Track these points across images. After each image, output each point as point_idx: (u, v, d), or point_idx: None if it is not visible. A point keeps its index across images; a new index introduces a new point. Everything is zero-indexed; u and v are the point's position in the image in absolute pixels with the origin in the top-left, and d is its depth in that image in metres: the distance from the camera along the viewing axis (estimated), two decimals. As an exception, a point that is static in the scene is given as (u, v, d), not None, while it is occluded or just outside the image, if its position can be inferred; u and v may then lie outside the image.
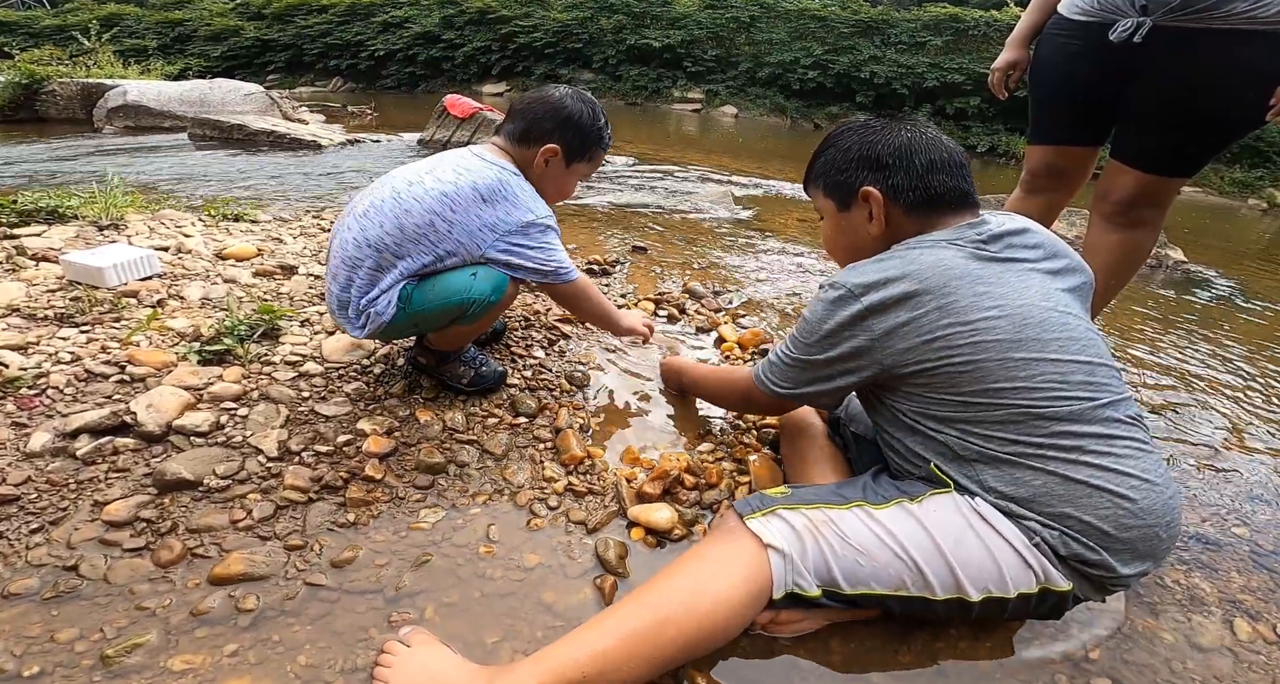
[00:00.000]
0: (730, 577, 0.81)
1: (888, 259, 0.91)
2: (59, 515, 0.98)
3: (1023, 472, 0.84)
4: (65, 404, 1.18)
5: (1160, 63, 1.40)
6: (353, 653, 0.84)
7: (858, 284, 0.89)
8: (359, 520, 1.05)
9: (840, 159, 1.00)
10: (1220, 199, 8.60)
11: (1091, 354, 0.87)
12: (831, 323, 0.91)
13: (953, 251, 0.89)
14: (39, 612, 0.85)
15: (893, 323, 0.87)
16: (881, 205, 0.96)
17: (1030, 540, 0.83)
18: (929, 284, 0.86)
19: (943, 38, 11.26)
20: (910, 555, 0.82)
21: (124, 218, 2.18)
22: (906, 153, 0.95)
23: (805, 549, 0.84)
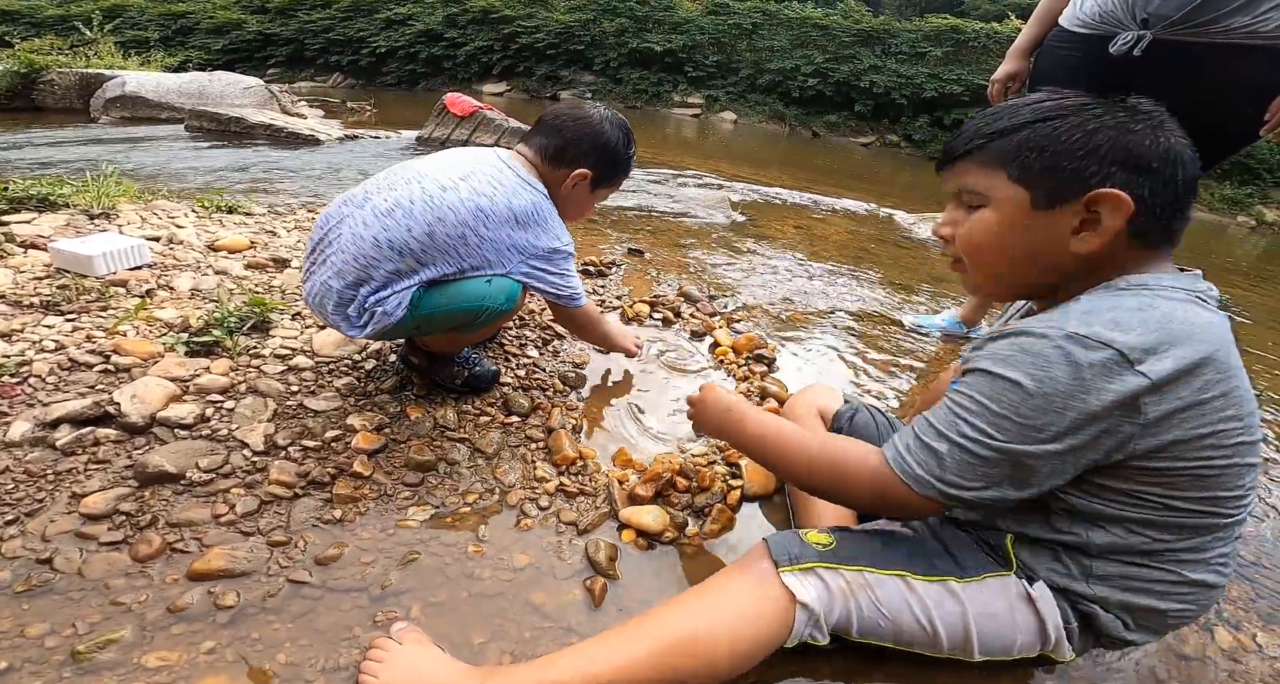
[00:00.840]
0: (751, 625, 0.77)
1: (1145, 308, 0.66)
2: (35, 507, 0.96)
3: (1150, 570, 0.75)
4: (47, 393, 1.16)
5: (1159, 76, 1.40)
6: (335, 651, 0.82)
7: (1134, 346, 0.63)
8: (345, 517, 1.03)
9: (1075, 139, 0.70)
10: (1210, 215, 8.69)
11: None
12: (1092, 402, 0.64)
13: (1208, 312, 0.69)
14: (9, 606, 0.82)
15: (1171, 407, 0.64)
16: (1124, 218, 0.69)
17: (1067, 623, 0.79)
18: (1215, 357, 0.65)
19: (943, 49, 11.36)
20: (935, 628, 0.79)
21: (116, 207, 2.15)
22: (1174, 162, 0.69)
23: (834, 609, 0.79)
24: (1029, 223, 0.74)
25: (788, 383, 1.66)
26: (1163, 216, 0.71)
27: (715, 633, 0.76)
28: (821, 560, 0.80)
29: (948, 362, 1.99)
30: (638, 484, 1.17)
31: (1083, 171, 0.70)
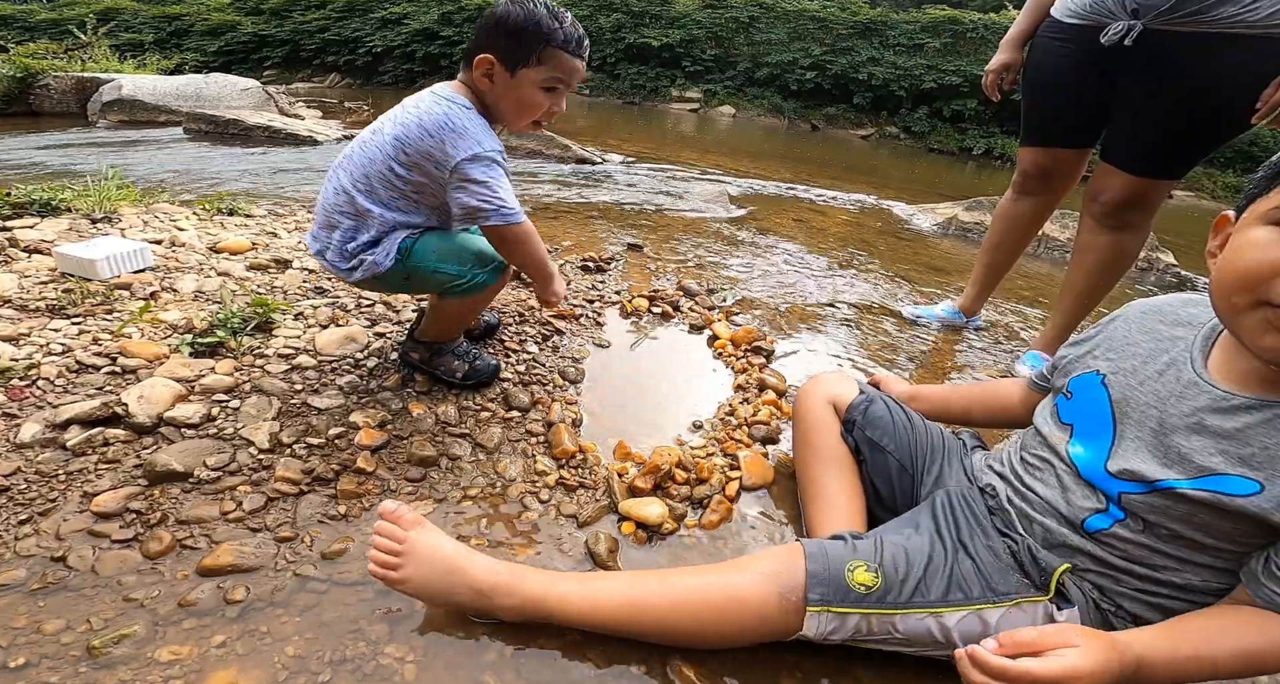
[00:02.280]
0: (755, 625, 0.84)
1: None
2: (48, 506, 0.98)
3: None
4: (56, 395, 1.18)
5: (1150, 66, 1.41)
6: (341, 644, 0.84)
7: None
8: (350, 512, 1.05)
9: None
10: (1212, 203, 8.66)
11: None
12: None
13: None
14: (26, 603, 0.84)
15: None
16: None
17: None
18: None
19: (941, 40, 11.31)
20: (952, 640, 0.81)
21: (117, 211, 2.17)
22: None
23: (848, 628, 0.83)
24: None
25: (787, 375, 1.68)
26: None
27: (721, 618, 0.83)
28: (858, 607, 0.81)
29: (946, 352, 2.00)
30: (637, 477, 1.19)
31: None
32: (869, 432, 1.12)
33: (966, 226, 3.82)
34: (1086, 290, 1.72)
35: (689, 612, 0.84)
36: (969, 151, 10.71)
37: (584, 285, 2.09)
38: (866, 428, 1.12)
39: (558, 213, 3.15)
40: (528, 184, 3.78)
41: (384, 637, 0.85)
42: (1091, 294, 1.73)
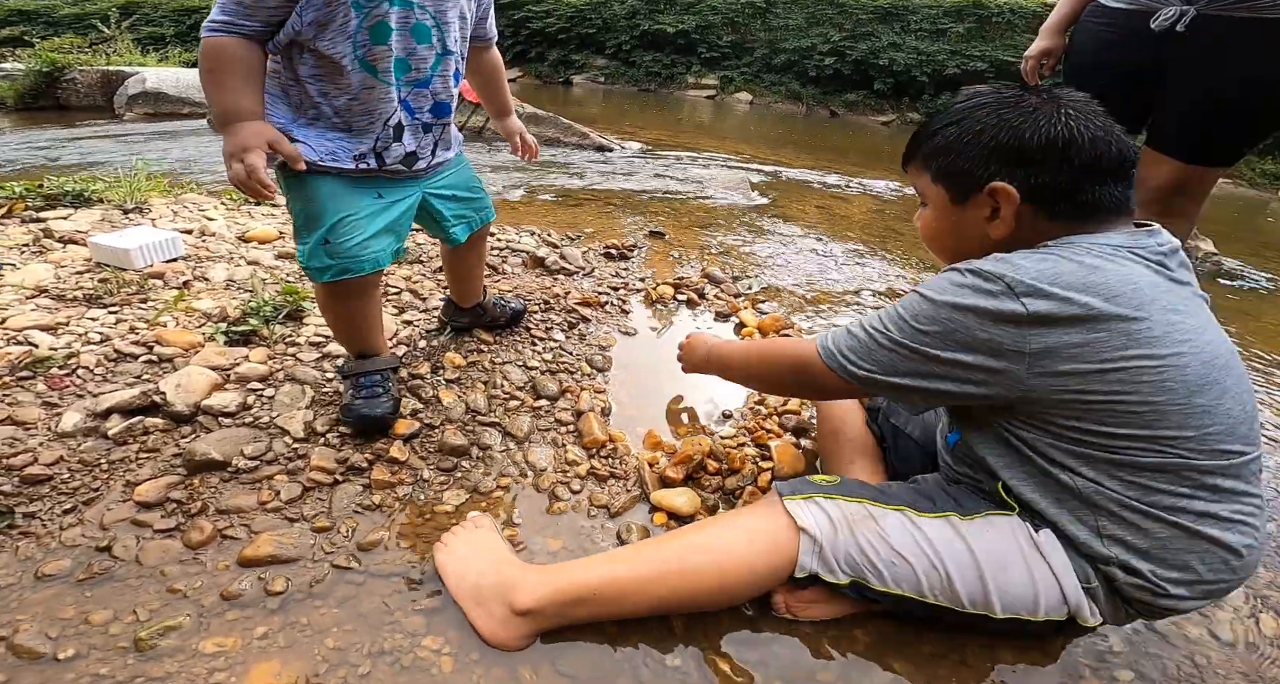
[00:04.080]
0: (757, 546, 0.84)
1: (1057, 260, 0.73)
2: (91, 496, 0.99)
3: (1151, 523, 0.75)
4: (95, 384, 1.19)
5: (1203, 52, 1.36)
6: (379, 636, 0.84)
7: (1023, 283, 0.71)
8: (384, 503, 1.06)
9: (966, 141, 0.80)
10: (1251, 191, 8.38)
11: (1249, 402, 0.76)
12: (971, 318, 0.73)
13: (1139, 266, 0.74)
14: (73, 593, 0.85)
15: (1059, 342, 0.70)
16: (1015, 207, 0.78)
17: (1086, 584, 0.78)
18: (1119, 305, 0.70)
19: (965, 25, 11.02)
20: (946, 569, 0.80)
21: (147, 201, 2.20)
22: (1064, 147, 0.75)
23: (838, 540, 0.83)
24: (954, 218, 0.85)
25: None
26: (1065, 196, 0.77)
27: (724, 550, 0.84)
28: (822, 492, 0.87)
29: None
30: (668, 467, 1.18)
31: (975, 170, 0.80)
32: (894, 418, 1.14)
33: (994, 213, 3.72)
34: None
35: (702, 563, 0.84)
36: (994, 137, 10.47)
37: (608, 273, 2.08)
38: (891, 415, 1.15)
39: (579, 200, 3.13)
40: (547, 172, 3.77)
41: (421, 629, 0.86)
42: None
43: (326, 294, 1.13)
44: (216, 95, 0.95)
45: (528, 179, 3.53)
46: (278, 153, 0.95)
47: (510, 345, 1.54)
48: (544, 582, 0.84)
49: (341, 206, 1.05)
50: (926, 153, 0.86)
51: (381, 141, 1.06)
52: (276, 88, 1.02)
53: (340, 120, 1.03)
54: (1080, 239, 0.77)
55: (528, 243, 2.22)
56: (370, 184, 1.09)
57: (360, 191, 1.07)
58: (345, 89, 1.01)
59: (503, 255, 2.10)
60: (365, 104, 1.02)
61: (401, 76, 1.03)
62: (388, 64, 1.00)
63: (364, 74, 0.99)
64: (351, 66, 0.98)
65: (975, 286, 0.74)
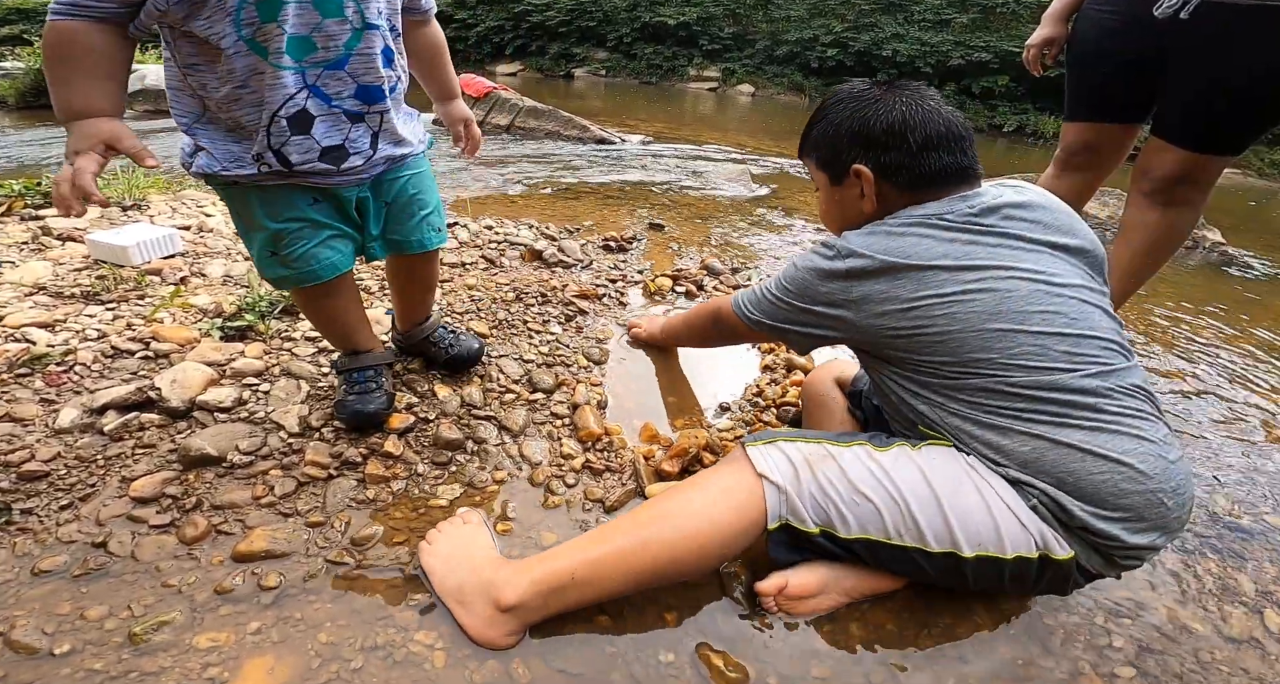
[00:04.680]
0: (725, 503, 0.86)
1: (875, 232, 0.92)
2: (88, 491, 1.00)
3: (1008, 437, 0.84)
4: (92, 380, 1.19)
5: (1208, 40, 1.34)
6: (372, 631, 0.84)
7: (845, 248, 0.92)
8: (378, 497, 1.06)
9: (832, 133, 0.97)
10: (1259, 181, 8.29)
11: (1081, 327, 0.86)
12: (814, 277, 0.94)
13: (939, 229, 0.89)
14: (69, 589, 0.85)
15: (869, 289, 0.89)
16: (873, 184, 0.94)
17: (1027, 502, 0.82)
18: (909, 259, 0.87)
19: (969, 15, 10.91)
20: (905, 499, 0.83)
21: (146, 198, 2.20)
22: (900, 129, 0.91)
23: (801, 483, 0.86)
24: (836, 197, 1.01)
25: (815, 355, 1.64)
26: (908, 171, 0.92)
27: (693, 510, 0.86)
28: (783, 436, 0.93)
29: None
30: (664, 460, 1.17)
31: (841, 155, 0.97)
32: (875, 399, 1.16)
33: (998, 204, 3.69)
34: (1133, 270, 1.65)
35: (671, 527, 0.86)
36: (999, 129, 10.36)
37: (606, 265, 2.07)
38: (873, 396, 1.17)
39: (578, 193, 3.12)
40: (547, 165, 3.75)
41: (413, 624, 0.86)
42: (1138, 274, 1.66)
43: (299, 296, 1.10)
44: (54, 90, 0.80)
45: (527, 172, 3.52)
46: (119, 152, 0.82)
47: (506, 338, 1.54)
48: (524, 576, 0.84)
49: (275, 218, 0.95)
50: (809, 145, 1.03)
51: (275, 136, 0.89)
52: (175, 79, 0.89)
53: (227, 117, 0.88)
54: (903, 213, 0.92)
55: (526, 236, 2.22)
56: (299, 188, 0.96)
57: (291, 198, 0.95)
58: (227, 77, 0.85)
59: (500, 248, 2.10)
60: (256, 93, 0.87)
61: (303, 58, 0.87)
62: (279, 43, 0.84)
63: (252, 57, 0.84)
64: (235, 50, 0.83)
65: (820, 254, 0.95)
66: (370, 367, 1.17)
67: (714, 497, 0.87)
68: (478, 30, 12.81)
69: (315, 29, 0.86)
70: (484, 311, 1.64)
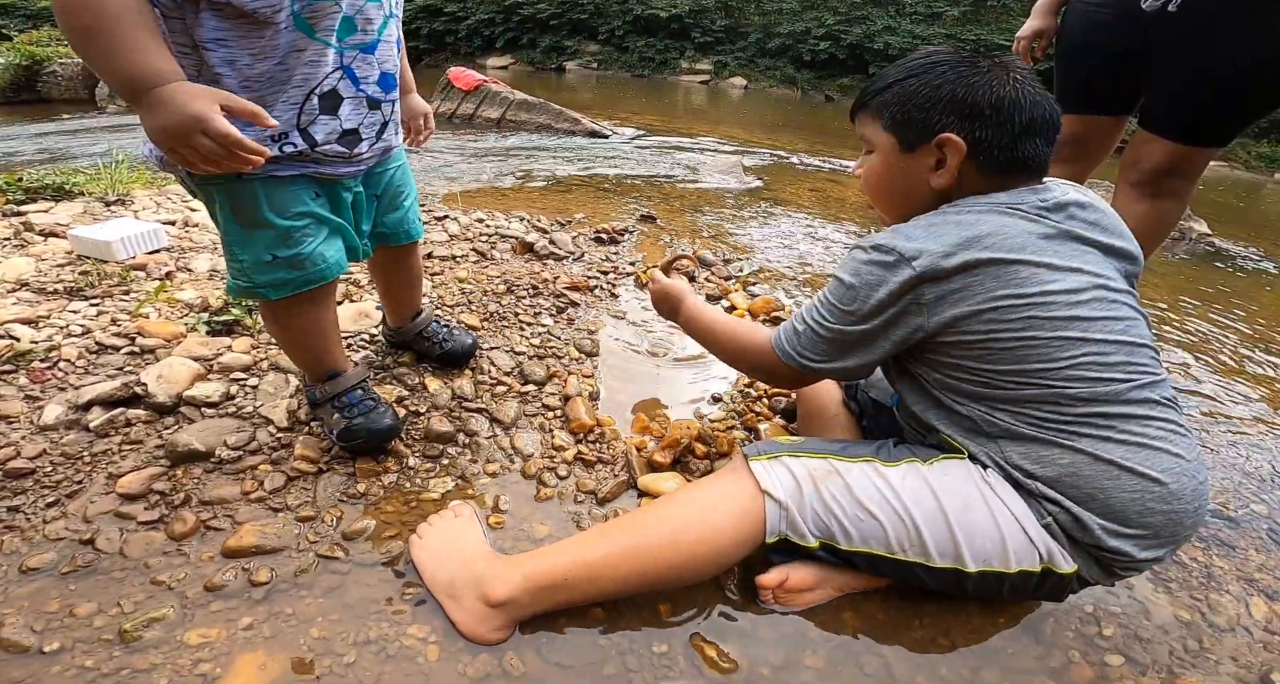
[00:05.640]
0: (723, 514, 0.85)
1: (940, 224, 0.83)
2: (74, 488, 0.98)
3: (1050, 450, 0.81)
4: (77, 376, 1.18)
5: (1194, 31, 1.34)
6: (365, 625, 0.83)
7: (911, 249, 0.80)
8: (369, 491, 1.05)
9: (924, 94, 0.85)
10: (1246, 174, 8.36)
11: (1134, 335, 0.82)
12: (882, 291, 0.81)
13: (1015, 218, 0.82)
14: (58, 586, 0.85)
15: (945, 290, 0.80)
16: (961, 158, 0.85)
17: (1041, 520, 0.80)
18: (989, 252, 0.78)
19: (960, 8, 10.92)
20: (911, 516, 0.81)
21: (130, 193, 2.17)
22: (1009, 107, 0.83)
23: (804, 498, 0.84)
24: (900, 164, 0.90)
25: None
26: (1000, 153, 0.84)
27: (691, 520, 0.85)
28: (788, 451, 0.89)
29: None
30: (656, 451, 1.17)
31: (929, 119, 0.86)
32: (872, 393, 1.16)
33: (989, 196, 3.71)
34: None
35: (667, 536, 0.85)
36: (989, 119, 10.42)
37: (598, 257, 2.07)
38: (869, 389, 1.17)
39: (569, 186, 3.10)
40: (538, 158, 3.73)
41: (406, 617, 0.85)
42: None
43: (279, 312, 0.98)
44: (115, 58, 0.69)
45: (518, 165, 3.50)
46: (234, 116, 0.73)
47: (498, 330, 1.53)
48: (515, 571, 0.83)
49: (283, 214, 0.90)
50: (882, 102, 0.91)
51: (306, 114, 0.86)
52: None
53: (251, 95, 0.81)
54: (964, 202, 0.86)
55: (517, 228, 2.20)
56: (304, 180, 0.92)
57: (296, 191, 0.91)
58: (265, 54, 0.80)
59: (491, 241, 2.08)
60: (287, 70, 0.83)
61: (346, 38, 0.86)
62: (331, 22, 0.82)
63: (295, 34, 0.80)
64: (285, 24, 0.79)
65: (877, 261, 0.82)
66: (358, 385, 1.10)
67: (714, 509, 0.85)
68: (468, 23, 12.70)
69: (359, 11, 0.86)
70: (475, 304, 1.63)
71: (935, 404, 0.89)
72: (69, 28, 0.70)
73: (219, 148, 0.71)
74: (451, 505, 1.01)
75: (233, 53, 0.79)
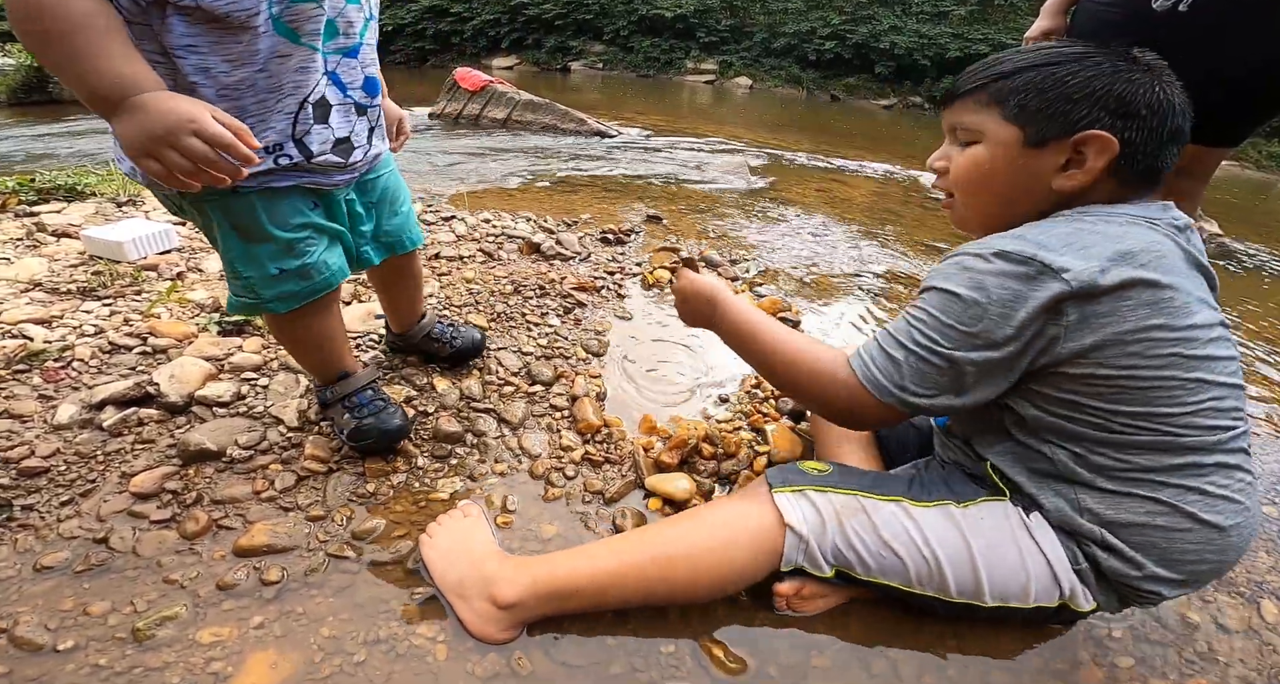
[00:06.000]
0: (742, 541, 0.83)
1: (1080, 232, 0.71)
2: (88, 487, 0.99)
3: (1132, 500, 0.74)
4: (90, 376, 1.19)
5: (1206, 32, 1.34)
6: (374, 624, 0.84)
7: (1058, 260, 0.67)
8: (378, 490, 1.06)
9: (1074, 84, 0.75)
10: (1257, 173, 8.30)
11: (1239, 377, 0.75)
12: (1024, 311, 0.68)
13: (1159, 235, 0.73)
14: (72, 585, 0.85)
15: (1091, 311, 0.68)
16: (1110, 159, 0.74)
17: (1075, 564, 0.78)
18: (1144, 272, 0.68)
19: (967, 7, 10.88)
20: (936, 557, 0.79)
21: (140, 194, 2.19)
22: (1163, 111, 0.74)
23: (826, 533, 0.82)
24: (1018, 159, 0.78)
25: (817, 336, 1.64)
26: (1143, 160, 0.76)
27: (707, 546, 0.83)
28: (814, 484, 0.84)
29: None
30: (663, 451, 1.17)
31: (1074, 113, 0.75)
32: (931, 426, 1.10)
33: (996, 195, 3.70)
34: None
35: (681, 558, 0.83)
36: (997, 119, 10.36)
37: (604, 257, 2.07)
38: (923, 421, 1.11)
39: (575, 186, 3.11)
40: (544, 158, 3.74)
41: (416, 617, 0.86)
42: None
43: (285, 321, 0.98)
44: (89, 63, 0.65)
45: (524, 165, 3.51)
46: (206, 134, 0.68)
47: (505, 331, 1.54)
48: (524, 575, 0.83)
49: (284, 227, 0.88)
50: (1008, 89, 0.78)
51: (301, 124, 0.83)
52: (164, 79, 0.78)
53: (230, 104, 0.77)
54: (1105, 211, 0.75)
55: (523, 229, 2.21)
56: (299, 190, 0.89)
57: (294, 202, 0.89)
58: (244, 60, 0.76)
59: (498, 241, 2.09)
60: (273, 78, 0.79)
61: (329, 42, 0.83)
62: (315, 26, 0.79)
63: (276, 39, 0.77)
64: (263, 29, 0.75)
65: (1011, 273, 0.69)
66: (368, 386, 1.11)
67: (732, 540, 0.83)
68: (474, 24, 12.74)
69: (339, 14, 0.83)
70: (482, 304, 1.64)
71: (1005, 438, 0.81)
72: (24, 32, 0.65)
73: (208, 152, 0.67)
74: (460, 505, 1.02)
75: (206, 60, 0.75)
